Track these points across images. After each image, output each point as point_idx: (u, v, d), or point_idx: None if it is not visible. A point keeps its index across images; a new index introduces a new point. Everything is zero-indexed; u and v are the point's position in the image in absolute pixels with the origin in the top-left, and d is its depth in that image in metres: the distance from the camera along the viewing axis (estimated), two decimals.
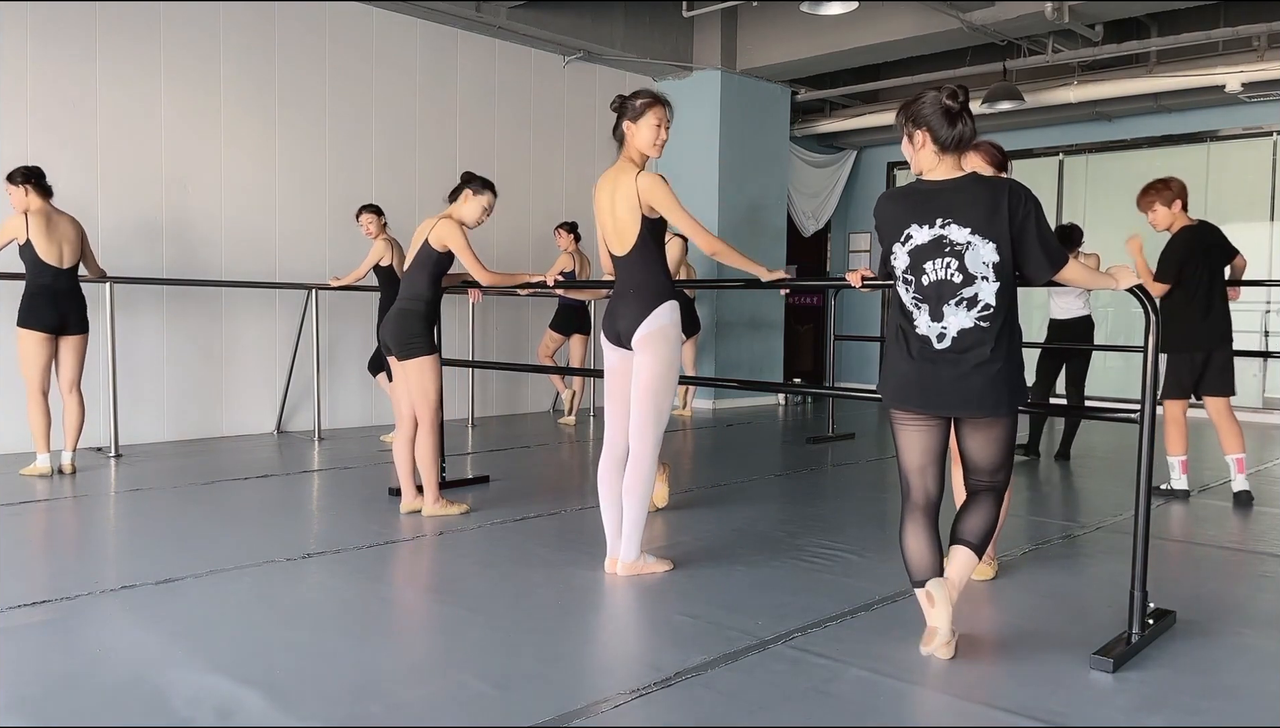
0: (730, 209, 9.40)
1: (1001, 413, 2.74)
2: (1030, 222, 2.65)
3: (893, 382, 2.83)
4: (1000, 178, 2.76)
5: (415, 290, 4.54)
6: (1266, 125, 9.09)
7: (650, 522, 4.44)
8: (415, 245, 4.58)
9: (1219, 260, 5.11)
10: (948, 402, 2.73)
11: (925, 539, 2.81)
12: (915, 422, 2.83)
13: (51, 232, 5.39)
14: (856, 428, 7.99)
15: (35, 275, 5.39)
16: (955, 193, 2.70)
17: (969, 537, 2.85)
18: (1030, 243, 2.66)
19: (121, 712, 2.41)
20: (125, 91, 6.54)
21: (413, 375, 4.51)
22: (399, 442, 4.65)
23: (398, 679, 2.64)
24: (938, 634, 2.73)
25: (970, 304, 2.67)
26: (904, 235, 2.75)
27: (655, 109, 3.53)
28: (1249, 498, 5.07)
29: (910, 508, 2.85)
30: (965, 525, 2.86)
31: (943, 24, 7.94)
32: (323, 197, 7.53)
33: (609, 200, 3.58)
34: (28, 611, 3.16)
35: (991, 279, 2.66)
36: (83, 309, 5.57)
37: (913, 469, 2.85)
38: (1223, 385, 5.08)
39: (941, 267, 2.68)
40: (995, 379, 2.69)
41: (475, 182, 4.56)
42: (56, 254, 5.41)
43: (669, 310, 3.53)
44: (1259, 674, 2.80)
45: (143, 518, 4.63)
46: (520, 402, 8.95)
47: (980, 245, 2.65)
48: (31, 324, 5.35)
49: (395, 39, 7.85)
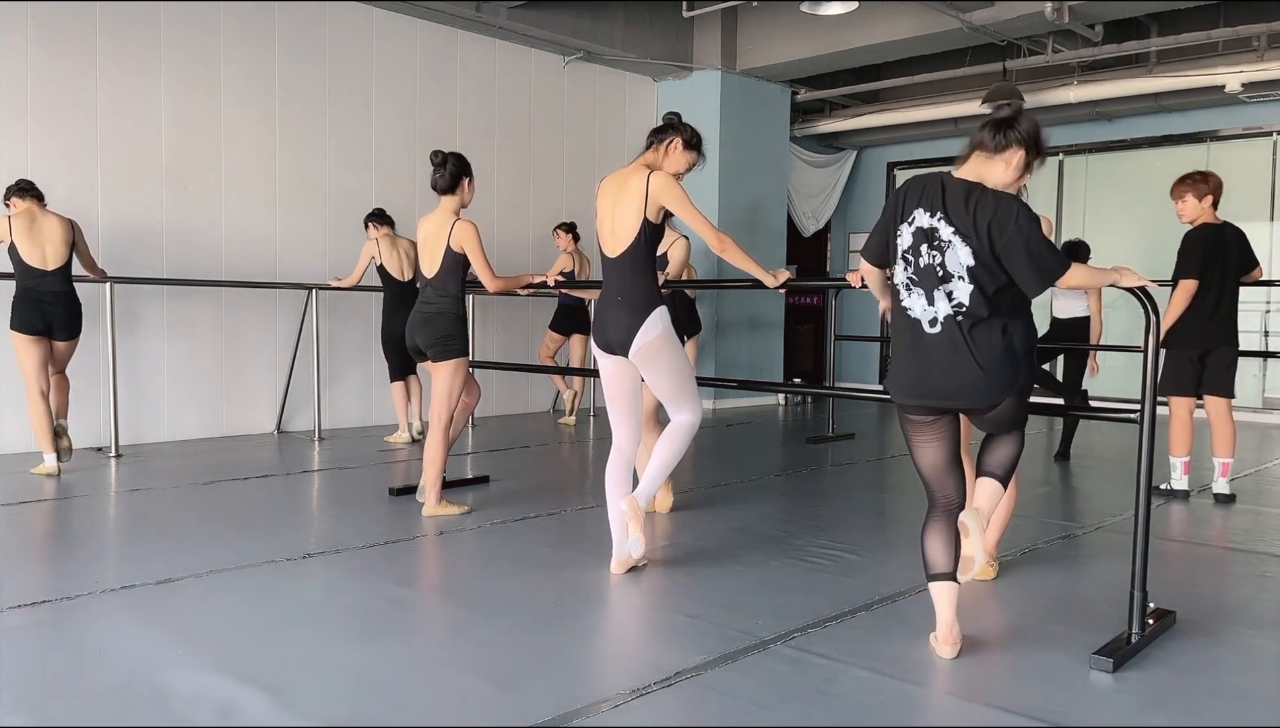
0: (730, 209, 9.40)
1: (993, 400, 2.75)
2: (1017, 240, 2.63)
3: (896, 377, 2.87)
4: (998, 195, 2.72)
5: (450, 292, 4.54)
6: (1266, 125, 9.09)
7: (651, 522, 4.45)
8: (431, 245, 4.53)
9: (1237, 265, 5.07)
10: (939, 391, 2.76)
11: (944, 540, 2.85)
12: (923, 428, 2.86)
13: (35, 233, 5.37)
14: (856, 428, 7.99)
15: (20, 277, 5.39)
16: (957, 194, 2.74)
17: (993, 469, 2.94)
18: (1017, 261, 2.65)
19: (121, 712, 2.41)
20: (125, 92, 6.54)
21: (446, 376, 4.54)
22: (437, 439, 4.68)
23: (398, 679, 2.64)
24: (975, 563, 2.80)
25: (949, 298, 2.72)
26: (910, 216, 2.79)
27: (698, 159, 3.75)
28: (1230, 500, 5.10)
29: (934, 511, 2.90)
30: (989, 459, 2.95)
31: (943, 24, 7.94)
32: (323, 197, 7.52)
33: (612, 200, 3.59)
34: (28, 611, 3.16)
35: (966, 281, 2.68)
36: (73, 313, 5.52)
37: (932, 478, 2.90)
38: (1224, 386, 5.09)
39: (930, 255, 2.74)
40: (983, 371, 2.70)
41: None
42: (39, 256, 5.39)
43: (659, 318, 3.56)
44: (1259, 674, 2.80)
45: (143, 518, 4.63)
46: (520, 402, 8.95)
47: (959, 247, 2.68)
48: (18, 326, 5.36)
49: (395, 39, 7.84)
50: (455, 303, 4.56)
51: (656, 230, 3.60)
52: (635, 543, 3.59)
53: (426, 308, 4.55)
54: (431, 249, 4.54)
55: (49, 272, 5.41)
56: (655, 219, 3.56)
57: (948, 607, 2.81)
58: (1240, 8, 8.06)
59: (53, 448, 5.47)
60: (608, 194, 3.63)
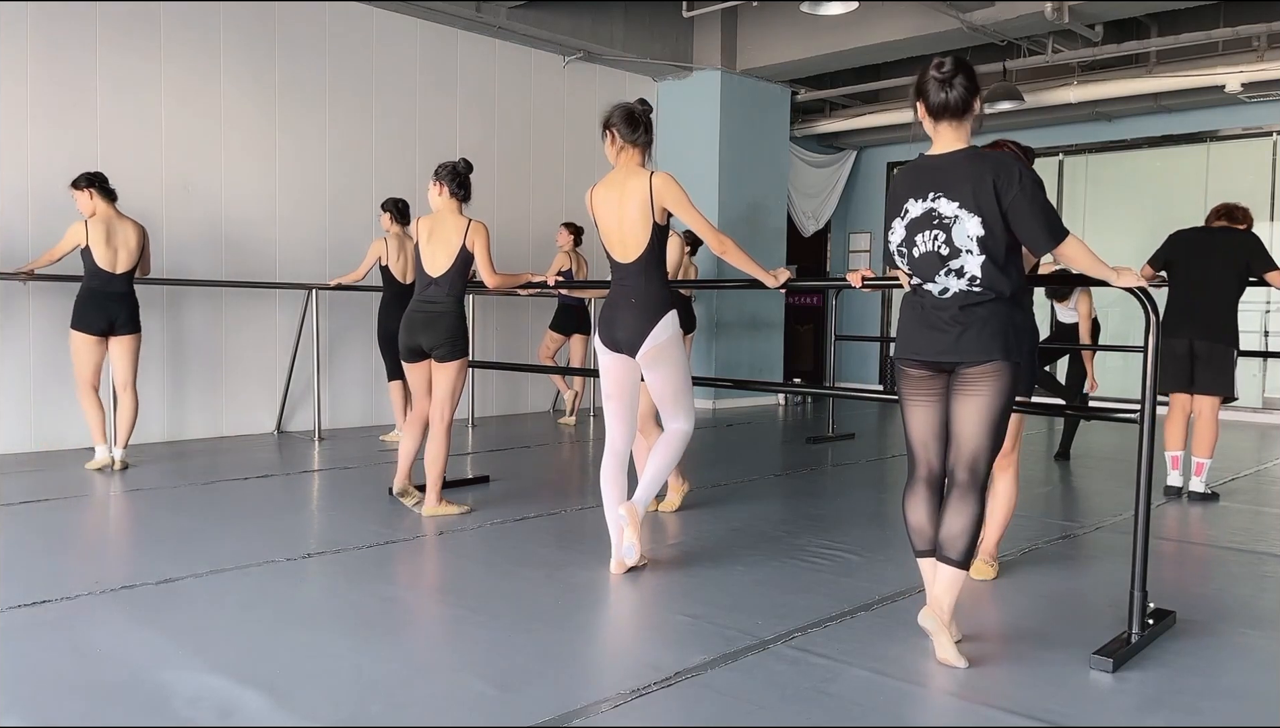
0: (730, 209, 9.40)
1: (993, 356, 2.70)
2: (1022, 197, 2.65)
3: (901, 336, 2.87)
4: (998, 154, 2.74)
5: (456, 291, 4.54)
6: (1266, 125, 9.09)
7: (652, 522, 4.45)
8: (440, 244, 4.50)
9: (1237, 266, 5.07)
10: (941, 346, 2.74)
11: (926, 510, 2.85)
12: (921, 394, 2.84)
13: (111, 238, 5.54)
14: (856, 428, 7.99)
15: (88, 278, 5.54)
16: (948, 167, 2.73)
17: (952, 554, 2.73)
18: (1023, 217, 2.66)
19: (121, 712, 2.41)
20: (125, 93, 6.54)
21: (451, 377, 4.55)
22: (415, 440, 4.68)
23: (398, 679, 2.64)
24: (951, 657, 2.74)
25: (959, 275, 2.71)
26: (903, 210, 2.79)
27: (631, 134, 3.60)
28: (1206, 499, 5.14)
29: (914, 480, 2.89)
30: (947, 537, 2.75)
31: (943, 24, 7.94)
32: (323, 197, 7.52)
33: (616, 208, 3.58)
34: (28, 611, 3.16)
35: (976, 253, 2.67)
36: (134, 310, 5.69)
37: (918, 442, 2.88)
38: (1211, 384, 5.09)
39: (929, 239, 2.72)
40: (987, 328, 2.70)
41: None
42: (112, 260, 5.54)
43: (670, 322, 3.58)
44: (1259, 675, 2.80)
45: (143, 518, 4.63)
46: (520, 402, 8.95)
47: (966, 219, 2.67)
48: (80, 327, 5.51)
49: (395, 39, 7.84)
50: (459, 303, 4.57)
51: (665, 233, 3.60)
52: (630, 550, 3.60)
53: (431, 307, 4.51)
54: (441, 248, 4.50)
55: (118, 275, 5.58)
56: (662, 221, 3.56)
57: (933, 581, 2.81)
58: (1240, 8, 8.06)
59: (104, 440, 5.65)
60: (607, 202, 3.61)
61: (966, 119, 2.73)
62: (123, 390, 5.68)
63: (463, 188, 4.57)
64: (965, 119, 2.73)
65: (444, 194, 4.55)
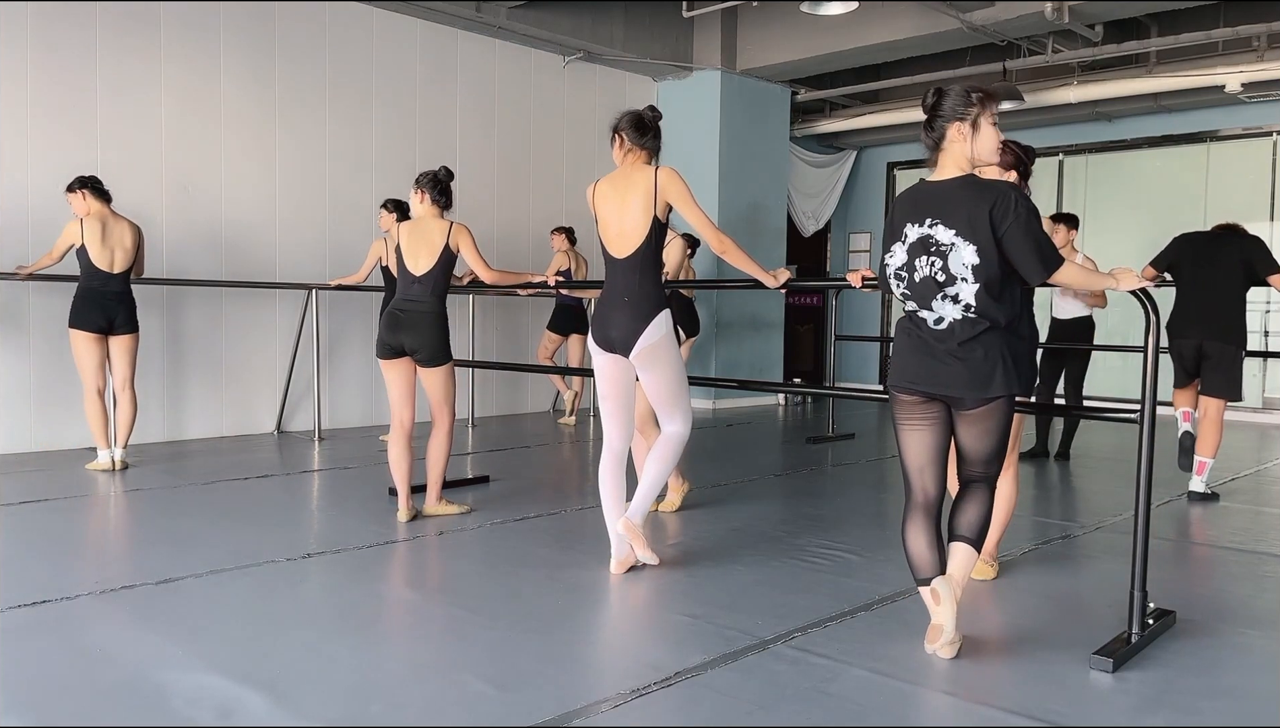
0: (730, 209, 9.40)
1: (992, 394, 2.73)
2: (1016, 227, 2.66)
3: (896, 364, 2.87)
4: (994, 183, 2.75)
5: (440, 291, 4.53)
6: (1266, 125, 9.09)
7: (652, 522, 4.45)
8: (422, 245, 4.49)
9: (1241, 269, 5.10)
10: (941, 380, 2.76)
11: (926, 538, 2.84)
12: (915, 419, 2.85)
13: (106, 237, 5.55)
14: (856, 428, 7.99)
15: (85, 278, 5.56)
16: (946, 194, 2.75)
17: (965, 532, 2.87)
18: (1018, 248, 2.67)
19: (121, 712, 2.41)
20: (125, 93, 6.54)
21: (443, 381, 4.53)
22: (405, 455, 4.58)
23: (398, 679, 2.64)
24: (943, 632, 2.75)
25: (954, 301, 2.72)
26: (902, 234, 2.81)
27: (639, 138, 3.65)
28: (1205, 498, 5.14)
29: (911, 507, 2.89)
30: (961, 521, 2.89)
31: (943, 24, 7.94)
32: (323, 197, 7.52)
33: (618, 201, 3.58)
34: (28, 611, 3.16)
35: (970, 281, 2.69)
36: (131, 310, 5.70)
37: (913, 469, 2.88)
38: (1218, 388, 5.10)
39: (927, 264, 2.74)
40: (986, 363, 2.72)
41: None
42: (108, 260, 5.56)
43: (664, 321, 3.57)
44: (1259, 675, 2.80)
45: (143, 518, 4.63)
46: (520, 402, 8.95)
47: (962, 247, 2.69)
48: (79, 324, 5.53)
49: (395, 39, 7.84)
50: (442, 303, 4.53)
51: (663, 230, 3.59)
52: (645, 558, 3.67)
53: (416, 307, 4.47)
54: (423, 248, 4.48)
55: (114, 274, 5.60)
56: (663, 216, 3.56)
57: (946, 613, 2.77)
58: (1240, 8, 8.06)
59: (107, 444, 5.66)
60: (609, 197, 3.61)
61: (956, 146, 2.75)
62: (122, 390, 5.70)
63: (444, 195, 4.58)
64: (953, 147, 2.75)
65: (425, 201, 4.56)
